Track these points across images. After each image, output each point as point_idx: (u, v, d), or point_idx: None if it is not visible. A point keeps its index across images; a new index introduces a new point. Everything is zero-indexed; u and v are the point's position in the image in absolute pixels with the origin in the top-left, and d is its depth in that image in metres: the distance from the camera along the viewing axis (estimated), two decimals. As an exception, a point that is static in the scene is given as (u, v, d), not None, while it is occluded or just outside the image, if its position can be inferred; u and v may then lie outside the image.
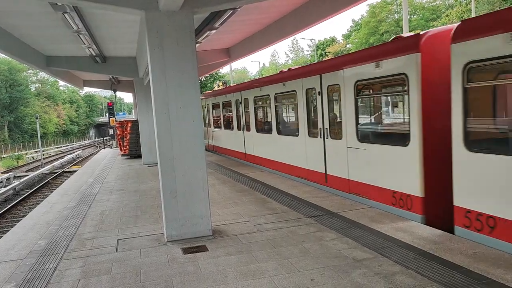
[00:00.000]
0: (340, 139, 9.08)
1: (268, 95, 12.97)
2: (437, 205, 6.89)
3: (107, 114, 43.84)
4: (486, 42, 5.46)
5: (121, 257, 6.29)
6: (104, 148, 38.43)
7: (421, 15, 60.44)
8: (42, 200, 13.98)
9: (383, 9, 61.01)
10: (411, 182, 7.08)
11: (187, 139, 6.85)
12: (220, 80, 46.48)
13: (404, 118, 7.54)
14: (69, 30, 11.11)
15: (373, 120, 9.40)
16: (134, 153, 21.26)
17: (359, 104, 8.51)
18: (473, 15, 33.48)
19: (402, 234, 6.36)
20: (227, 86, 23.66)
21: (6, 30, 11.71)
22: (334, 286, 4.78)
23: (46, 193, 18.82)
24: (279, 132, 12.62)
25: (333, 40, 72.92)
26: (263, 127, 14.14)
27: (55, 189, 15.13)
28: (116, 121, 29.40)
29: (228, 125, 18.24)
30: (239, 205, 9.10)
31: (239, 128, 16.47)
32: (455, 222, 6.22)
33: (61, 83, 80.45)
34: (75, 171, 22.38)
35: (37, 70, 64.16)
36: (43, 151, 44.41)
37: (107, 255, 6.40)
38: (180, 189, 6.86)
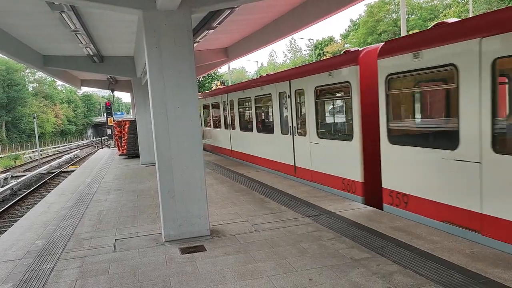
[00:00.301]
0: (305, 135, 10.66)
1: (249, 97, 14.47)
2: (372, 188, 8.41)
3: (105, 114, 43.76)
4: (399, 59, 7.09)
5: (119, 257, 6.28)
6: (102, 148, 38.38)
7: (419, 15, 60.56)
8: (39, 200, 13.95)
9: (381, 9, 61.08)
10: (354, 170, 8.70)
11: (185, 138, 6.84)
12: (218, 80, 46.44)
13: (350, 118, 9.02)
14: (66, 29, 11.08)
15: (328, 120, 10.80)
16: (132, 153, 21.25)
17: (318, 106, 10.07)
18: (470, 15, 33.53)
19: (400, 233, 6.36)
20: (224, 86, 24.25)
21: (3, 30, 11.66)
22: (332, 286, 4.78)
23: (44, 193, 18.78)
24: (258, 130, 14.18)
25: (331, 39, 72.92)
26: (246, 126, 15.53)
27: (52, 189, 15.11)
28: (114, 121, 29.32)
29: (217, 125, 19.47)
30: (237, 204, 9.09)
31: (226, 127, 17.89)
32: (383, 201, 7.84)
33: (59, 82, 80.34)
34: (73, 171, 22.34)
35: (35, 70, 63.99)
36: (40, 151, 44.34)
37: (104, 255, 6.38)
38: (178, 189, 6.85)
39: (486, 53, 5.58)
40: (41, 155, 42.39)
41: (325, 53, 66.82)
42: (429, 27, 7.00)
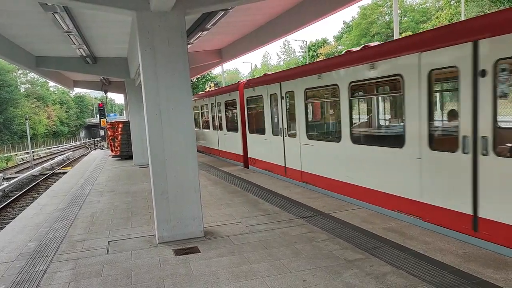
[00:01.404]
0: (222, 130, 17.67)
1: (198, 105, 21.82)
2: (246, 158, 14.95)
3: (98, 115, 43.50)
4: (249, 90, 13.78)
5: (112, 259, 6.25)
6: (95, 149, 38.15)
7: (411, 17, 60.96)
8: (32, 202, 13.84)
9: (374, 11, 61.42)
10: (239, 148, 15.53)
11: (179, 140, 6.82)
12: (212, 81, 46.35)
13: (237, 119, 15.58)
14: (59, 30, 11.02)
15: (231, 120, 16.79)
16: (125, 154, 21.15)
17: (226, 112, 16.90)
18: (462, 17, 33.80)
19: (393, 234, 6.40)
20: (217, 87, 25.41)
21: (-5, 30, 11.59)
22: (326, 287, 4.79)
23: (36, 195, 18.62)
24: (203, 127, 21.41)
25: (324, 41, 73.16)
26: (196, 125, 22.27)
27: (45, 191, 14.99)
28: (107, 122, 29.18)
29: None
30: (231, 206, 9.09)
31: None
32: (249, 163, 14.64)
33: (51, 83, 79.77)
34: (66, 172, 22.18)
35: (27, 71, 63.51)
36: (33, 152, 43.99)
37: (98, 257, 6.35)
38: (171, 191, 6.83)
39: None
40: (33, 156, 42.05)
41: (318, 54, 66.98)
42: (261, 75, 14.23)
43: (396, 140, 7.35)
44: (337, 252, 5.85)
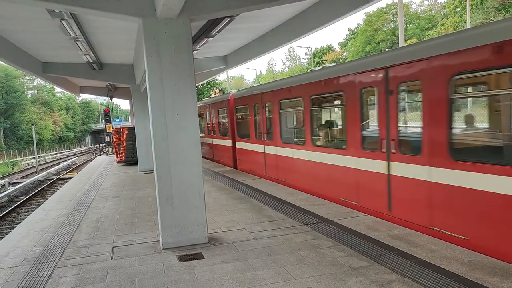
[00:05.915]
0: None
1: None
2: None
3: (103, 121, 43.70)
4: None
5: (116, 264, 6.25)
6: (100, 155, 38.30)
7: (416, 24, 61.00)
8: (37, 207, 13.88)
9: (379, 18, 61.51)
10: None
11: (184, 146, 6.84)
12: (216, 88, 46.48)
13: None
14: (66, 36, 11.12)
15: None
16: (130, 160, 21.21)
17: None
18: (468, 24, 33.75)
19: (398, 242, 6.36)
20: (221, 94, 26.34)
21: (2, 36, 11.69)
22: (331, 294, 4.77)
23: (41, 200, 18.71)
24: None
25: (329, 48, 73.32)
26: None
27: (50, 196, 15.05)
28: (112, 128, 29.31)
29: None
30: (235, 212, 9.08)
31: None
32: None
33: (58, 89, 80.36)
34: (71, 178, 22.27)
35: (34, 77, 64.04)
36: (38, 157, 44.22)
37: (102, 263, 6.36)
38: (176, 196, 6.84)
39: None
40: (39, 161, 42.28)
41: (323, 61, 67.07)
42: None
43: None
44: (342, 259, 5.82)
